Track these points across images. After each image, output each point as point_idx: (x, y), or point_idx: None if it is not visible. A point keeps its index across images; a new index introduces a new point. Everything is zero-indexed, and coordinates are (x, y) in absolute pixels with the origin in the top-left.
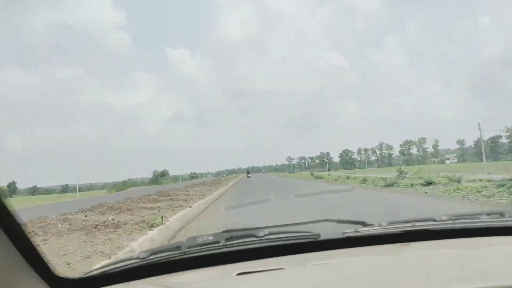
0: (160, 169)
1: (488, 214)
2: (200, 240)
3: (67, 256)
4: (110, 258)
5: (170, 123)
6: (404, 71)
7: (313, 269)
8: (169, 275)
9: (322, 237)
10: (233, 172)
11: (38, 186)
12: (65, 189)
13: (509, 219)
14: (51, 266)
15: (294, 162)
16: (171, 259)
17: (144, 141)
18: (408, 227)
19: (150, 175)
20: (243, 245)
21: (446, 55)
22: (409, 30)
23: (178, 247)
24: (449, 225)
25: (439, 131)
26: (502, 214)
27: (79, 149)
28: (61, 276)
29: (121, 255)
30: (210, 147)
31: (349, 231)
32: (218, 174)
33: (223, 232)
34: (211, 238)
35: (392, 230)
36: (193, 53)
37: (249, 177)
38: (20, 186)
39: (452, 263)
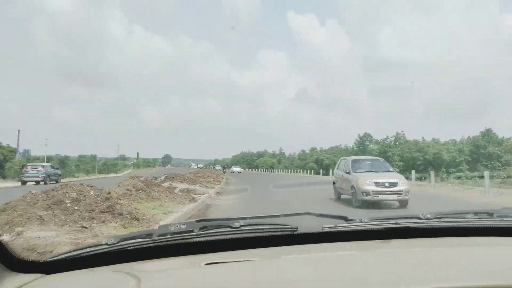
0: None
1: (476, 213)
2: (172, 229)
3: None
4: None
5: (294, 102)
6: None
7: (285, 262)
8: (136, 263)
9: (299, 231)
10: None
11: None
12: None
13: (497, 219)
14: (11, 251)
15: None
16: (140, 246)
17: (267, 120)
18: (390, 223)
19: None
20: (216, 235)
21: None
22: None
23: (149, 235)
24: (433, 223)
25: None
26: (490, 214)
27: (209, 125)
28: (24, 259)
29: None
30: (335, 130)
31: (328, 225)
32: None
33: (197, 221)
34: (183, 226)
35: (373, 227)
36: (322, 20)
37: None
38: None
39: (431, 262)
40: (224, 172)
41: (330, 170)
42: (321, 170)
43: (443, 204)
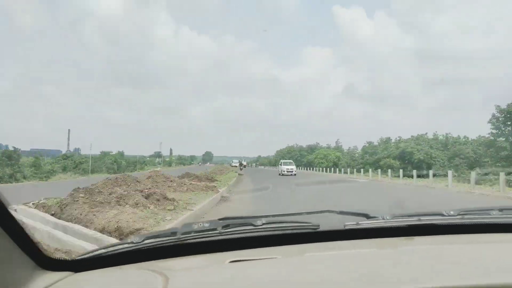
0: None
1: (501, 209)
2: (196, 227)
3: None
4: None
5: (341, 97)
6: None
7: (308, 260)
8: (161, 261)
9: (321, 228)
10: None
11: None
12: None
13: None
14: (43, 250)
15: None
16: (165, 244)
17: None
18: (413, 221)
19: None
20: (239, 233)
21: None
22: None
23: (173, 233)
24: (457, 220)
25: None
26: None
27: (254, 122)
28: (55, 258)
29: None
30: (385, 124)
31: (351, 223)
32: None
33: (220, 219)
34: (207, 225)
35: (395, 224)
36: (369, 12)
37: None
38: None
39: (454, 258)
40: (241, 169)
41: (430, 172)
42: (413, 170)
43: None
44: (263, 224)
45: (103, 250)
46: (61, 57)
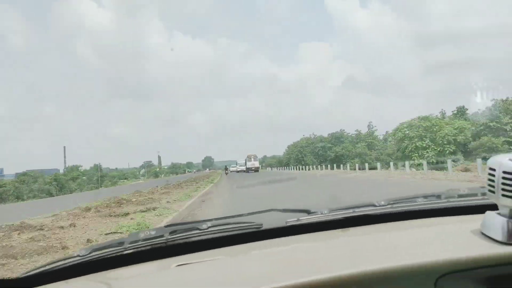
0: None
1: (426, 197)
2: (142, 235)
3: None
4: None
5: (342, 90)
6: None
7: (252, 257)
8: (109, 271)
9: (264, 227)
10: None
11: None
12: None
13: (444, 200)
14: None
15: None
16: (112, 255)
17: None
18: (348, 213)
19: None
20: (185, 238)
21: None
22: None
23: (120, 243)
24: (387, 209)
25: None
26: (438, 196)
27: (256, 124)
28: None
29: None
30: (389, 113)
31: (292, 219)
32: None
33: (166, 226)
34: (153, 232)
35: (332, 217)
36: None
37: None
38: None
39: (384, 244)
40: (226, 173)
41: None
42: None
43: None
44: (209, 227)
45: (49, 266)
46: (55, 74)
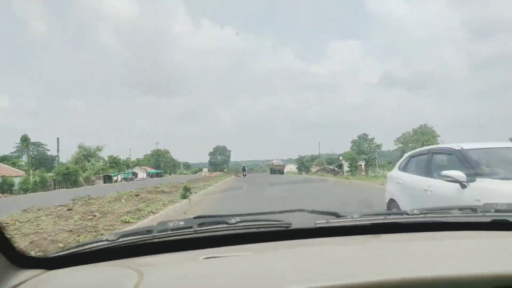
0: None
1: (461, 209)
2: (171, 225)
3: None
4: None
5: (377, 87)
6: None
7: (279, 256)
8: (137, 258)
9: (293, 226)
10: None
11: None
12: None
13: (480, 214)
14: (17, 248)
15: None
16: (140, 242)
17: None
18: (379, 219)
19: None
20: (213, 231)
21: None
22: None
23: (149, 231)
24: (420, 218)
25: None
26: (474, 210)
27: (285, 122)
28: (29, 255)
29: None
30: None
31: (321, 221)
32: None
33: (195, 218)
34: (182, 223)
35: (363, 222)
36: None
37: None
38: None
39: (416, 253)
40: (244, 175)
41: None
42: None
43: None
44: (237, 222)
45: (78, 248)
46: (79, 66)
